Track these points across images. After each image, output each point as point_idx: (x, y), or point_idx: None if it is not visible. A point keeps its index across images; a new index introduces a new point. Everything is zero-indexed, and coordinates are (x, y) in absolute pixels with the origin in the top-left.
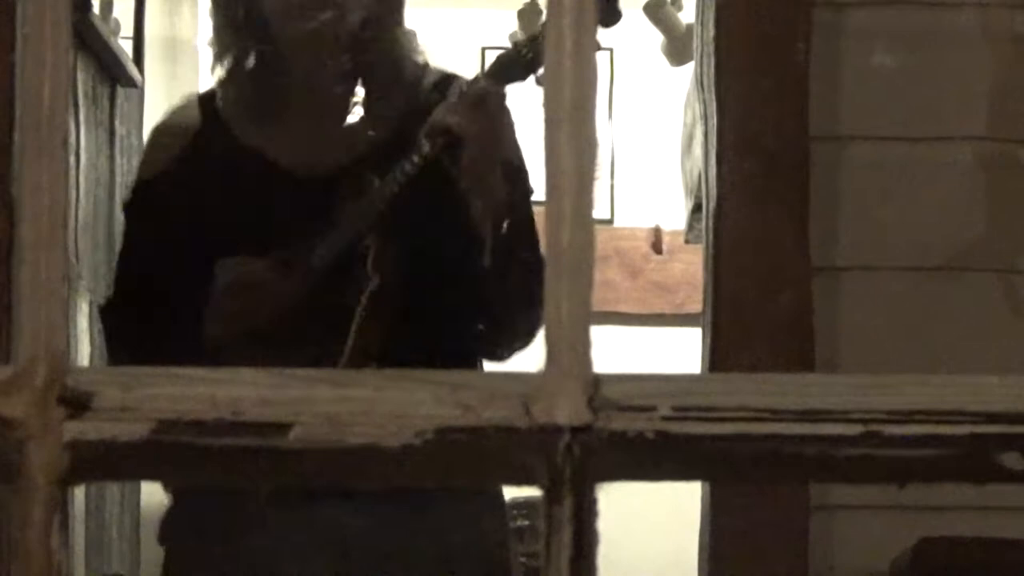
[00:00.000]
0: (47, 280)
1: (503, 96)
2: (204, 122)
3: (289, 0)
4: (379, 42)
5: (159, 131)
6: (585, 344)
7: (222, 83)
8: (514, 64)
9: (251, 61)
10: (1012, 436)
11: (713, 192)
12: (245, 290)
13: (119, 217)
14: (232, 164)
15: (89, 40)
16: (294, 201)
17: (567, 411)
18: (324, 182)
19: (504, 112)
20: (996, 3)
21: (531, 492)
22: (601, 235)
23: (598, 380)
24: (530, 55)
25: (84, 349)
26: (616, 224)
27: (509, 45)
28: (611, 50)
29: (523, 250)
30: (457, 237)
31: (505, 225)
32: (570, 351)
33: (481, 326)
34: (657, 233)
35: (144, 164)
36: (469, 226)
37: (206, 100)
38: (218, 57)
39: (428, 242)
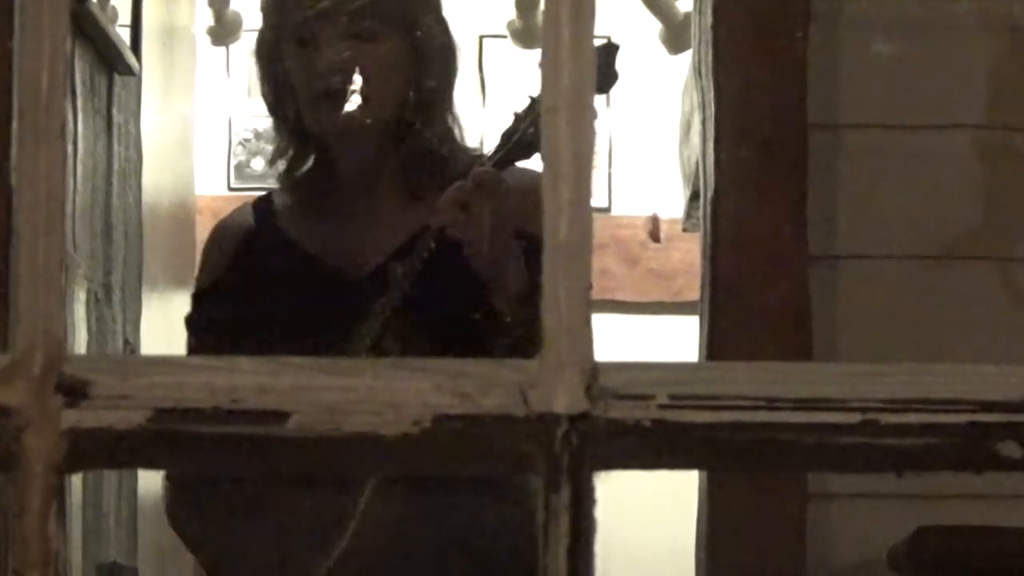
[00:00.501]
0: (45, 268)
1: (499, 178)
2: (257, 224)
3: (316, 92)
4: (426, 131)
5: (214, 237)
6: (583, 332)
7: (279, 184)
8: (516, 143)
9: (301, 161)
10: (1010, 425)
11: (711, 180)
12: None
13: (116, 204)
14: (284, 265)
15: (87, 28)
16: (343, 301)
17: (565, 399)
18: (372, 280)
19: (508, 192)
20: None
21: None
22: (598, 223)
23: (596, 368)
24: (532, 130)
25: (81, 337)
26: (613, 212)
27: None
28: (609, 38)
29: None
30: (480, 322)
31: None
32: (568, 339)
33: None
34: (654, 221)
35: (201, 271)
36: (492, 310)
37: (260, 203)
38: (274, 156)
39: (448, 332)
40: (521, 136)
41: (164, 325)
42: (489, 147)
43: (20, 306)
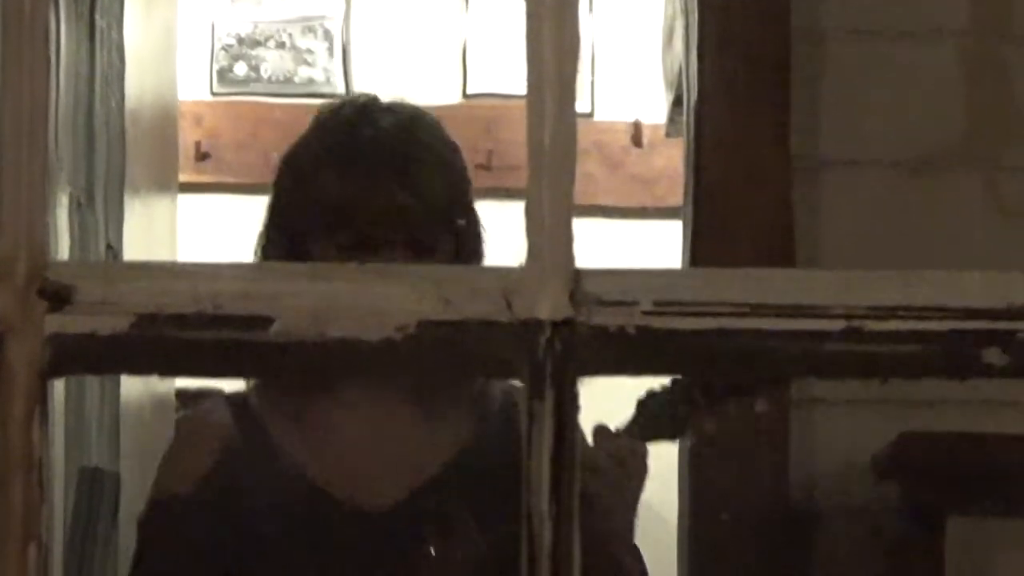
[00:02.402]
0: (28, 176)
1: (646, 454)
2: (240, 431)
3: None
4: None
5: (187, 437)
6: (567, 239)
7: (258, 384)
8: (660, 418)
9: None
10: (993, 332)
11: (694, 87)
12: None
13: (99, 110)
14: (276, 487)
15: None
16: (354, 538)
17: (549, 306)
18: (386, 515)
19: (645, 472)
20: None
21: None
22: (581, 129)
23: (579, 275)
24: (679, 410)
25: (64, 242)
26: (596, 118)
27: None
28: None
29: None
30: None
31: None
32: (552, 246)
33: None
34: (637, 127)
35: (167, 475)
36: None
37: (236, 404)
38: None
39: None
40: (663, 413)
41: (146, 230)
42: (472, 68)
43: (3, 214)
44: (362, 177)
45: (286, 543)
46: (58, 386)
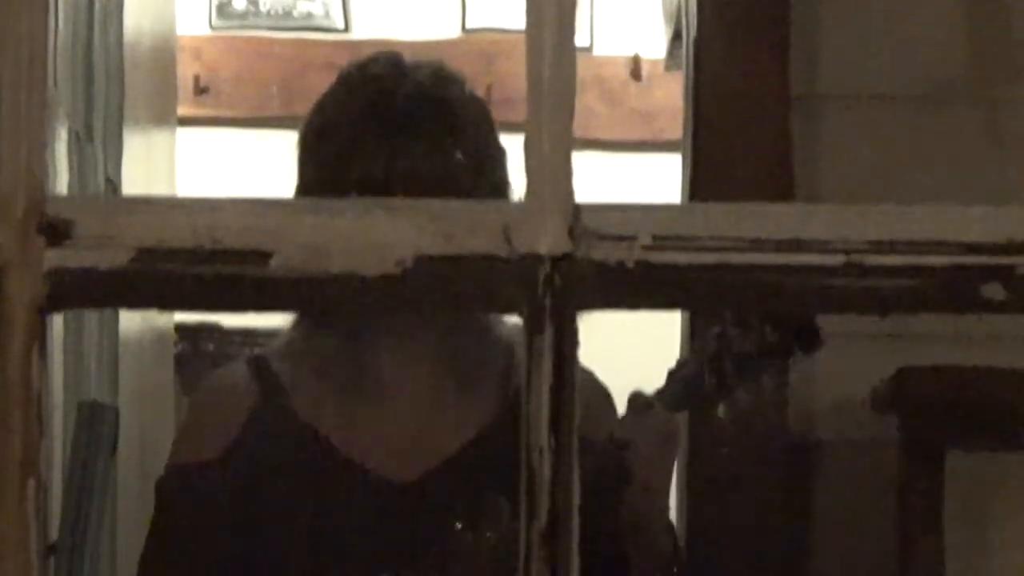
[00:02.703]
0: (26, 111)
1: (676, 425)
2: (263, 399)
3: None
4: (464, 325)
5: (210, 402)
6: (566, 174)
7: (283, 344)
8: (690, 388)
9: (318, 327)
10: (993, 267)
11: (693, 21)
12: None
13: (97, 44)
14: (299, 454)
15: None
16: (378, 508)
17: (548, 241)
18: (413, 486)
19: (677, 448)
20: None
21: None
22: (580, 63)
23: (579, 209)
24: (715, 379)
25: (63, 177)
26: (595, 52)
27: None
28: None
29: None
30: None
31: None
32: (551, 180)
33: None
34: (636, 61)
35: (189, 440)
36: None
37: (259, 369)
38: None
39: None
40: (698, 382)
41: (145, 164)
42: (471, 2)
43: (1, 148)
44: (407, 139)
45: (309, 511)
46: (57, 321)
